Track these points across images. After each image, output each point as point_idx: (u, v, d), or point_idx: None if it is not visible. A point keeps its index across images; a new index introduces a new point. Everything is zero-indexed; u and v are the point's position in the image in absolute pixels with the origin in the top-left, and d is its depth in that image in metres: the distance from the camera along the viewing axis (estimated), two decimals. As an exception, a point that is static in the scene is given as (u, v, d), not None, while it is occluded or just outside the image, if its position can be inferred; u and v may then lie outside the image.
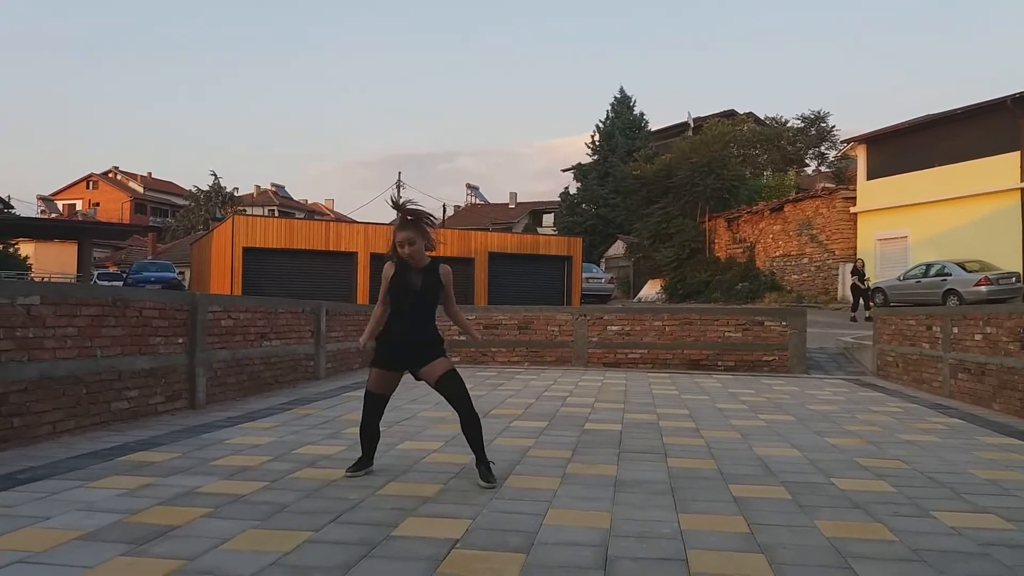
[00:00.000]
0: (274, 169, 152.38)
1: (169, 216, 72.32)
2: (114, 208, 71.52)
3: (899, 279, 23.63)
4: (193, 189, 65.90)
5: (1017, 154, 22.86)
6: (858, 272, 22.23)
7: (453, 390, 4.63)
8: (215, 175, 65.98)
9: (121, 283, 31.70)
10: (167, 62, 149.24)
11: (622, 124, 46.80)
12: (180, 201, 71.46)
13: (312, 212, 75.06)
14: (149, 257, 45.79)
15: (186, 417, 7.02)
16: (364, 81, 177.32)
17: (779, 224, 31.65)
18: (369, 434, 4.84)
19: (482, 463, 4.62)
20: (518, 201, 66.11)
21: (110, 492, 4.21)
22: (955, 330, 9.84)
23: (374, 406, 4.81)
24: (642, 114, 47.73)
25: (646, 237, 36.50)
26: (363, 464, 4.81)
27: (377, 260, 26.69)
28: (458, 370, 4.78)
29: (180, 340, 7.38)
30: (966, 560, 3.35)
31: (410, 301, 4.63)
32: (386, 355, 4.71)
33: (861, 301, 22.16)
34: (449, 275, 4.76)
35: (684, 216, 35.17)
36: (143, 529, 3.54)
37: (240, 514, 3.84)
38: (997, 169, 23.36)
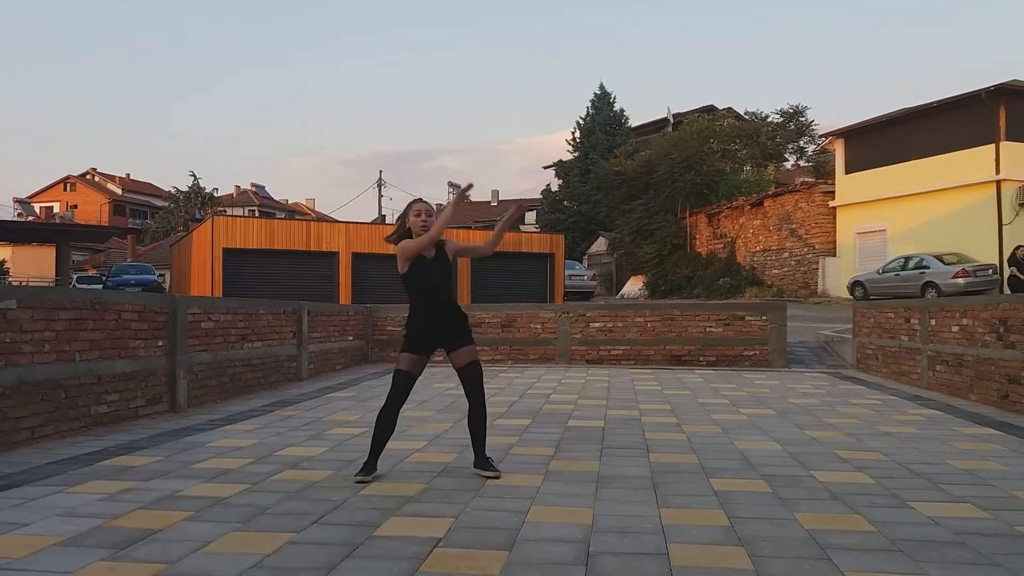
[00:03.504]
0: (254, 169, 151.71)
1: (148, 218, 71.73)
2: (92, 210, 70.84)
3: (878, 272, 23.86)
4: (172, 190, 65.35)
5: (992, 147, 23.14)
6: (1019, 262, 19.72)
7: (475, 379, 4.78)
8: (194, 175, 65.47)
9: (100, 286, 31.42)
10: (145, 62, 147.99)
11: (602, 121, 46.89)
12: (159, 202, 70.87)
13: (293, 212, 74.69)
14: (129, 259, 45.41)
15: (167, 420, 6.98)
16: (345, 81, 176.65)
17: (759, 219, 31.85)
18: (388, 423, 4.72)
19: (483, 457, 4.80)
20: (500, 199, 66.10)
21: (90, 497, 4.19)
22: (932, 322, 9.95)
23: (405, 386, 4.72)
24: (622, 110, 47.89)
25: (628, 233, 36.63)
26: (372, 468, 4.68)
27: (359, 259, 26.63)
28: (437, 368, 4.81)
29: (160, 343, 7.34)
30: (942, 549, 3.39)
31: (432, 286, 4.72)
32: (419, 341, 4.74)
33: None
34: (453, 245, 4.92)
35: (665, 212, 35.33)
36: (124, 533, 3.52)
37: (222, 517, 3.83)
38: (973, 162, 23.64)
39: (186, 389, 7.69)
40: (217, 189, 66.42)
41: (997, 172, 22.99)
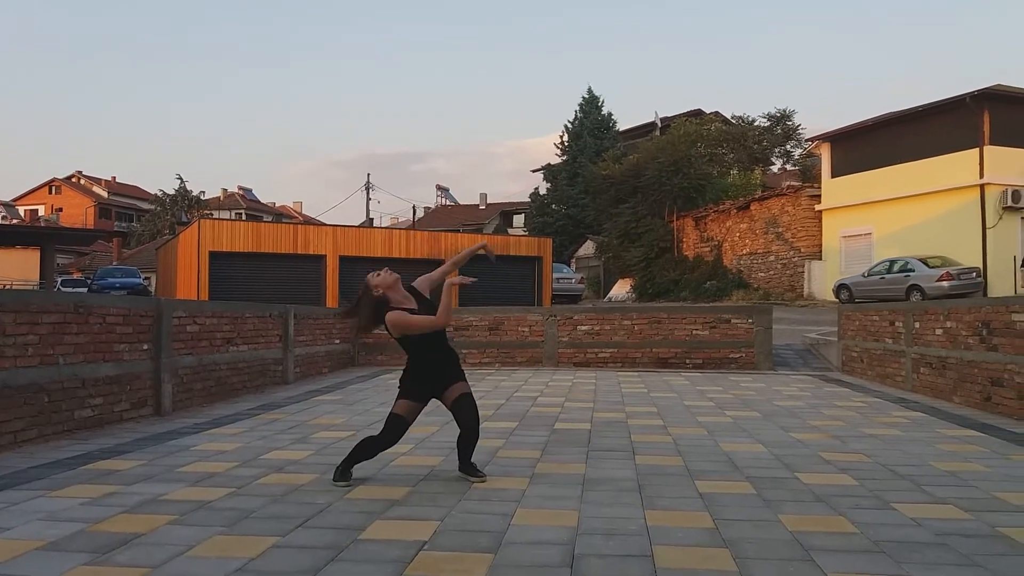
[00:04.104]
0: (245, 171, 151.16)
1: (134, 221, 71.31)
2: (78, 213, 70.38)
3: (864, 275, 23.97)
4: (159, 193, 65.00)
5: (976, 151, 23.32)
6: None
7: (466, 411, 4.74)
8: (181, 178, 65.13)
9: (85, 289, 31.21)
10: (132, 64, 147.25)
11: (590, 124, 46.95)
12: (145, 205, 70.53)
13: (280, 215, 74.40)
14: (114, 263, 45.07)
15: (152, 424, 6.94)
16: (345, 81, 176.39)
17: (746, 222, 31.97)
18: (366, 455, 4.71)
19: (468, 463, 4.80)
20: (488, 202, 66.10)
21: (73, 501, 4.16)
22: (917, 325, 10.01)
23: (398, 431, 4.73)
24: (610, 114, 47.93)
25: (615, 237, 36.68)
26: (348, 473, 4.68)
27: (346, 263, 26.51)
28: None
29: (145, 346, 7.30)
30: (924, 550, 3.42)
31: (429, 336, 4.71)
32: (422, 390, 4.77)
33: None
34: (424, 283, 4.94)
35: (652, 215, 35.40)
36: (107, 537, 3.51)
37: (206, 520, 3.81)
38: (957, 166, 23.81)
39: (171, 393, 7.65)
40: (204, 192, 66.19)
41: (981, 176, 23.17)
